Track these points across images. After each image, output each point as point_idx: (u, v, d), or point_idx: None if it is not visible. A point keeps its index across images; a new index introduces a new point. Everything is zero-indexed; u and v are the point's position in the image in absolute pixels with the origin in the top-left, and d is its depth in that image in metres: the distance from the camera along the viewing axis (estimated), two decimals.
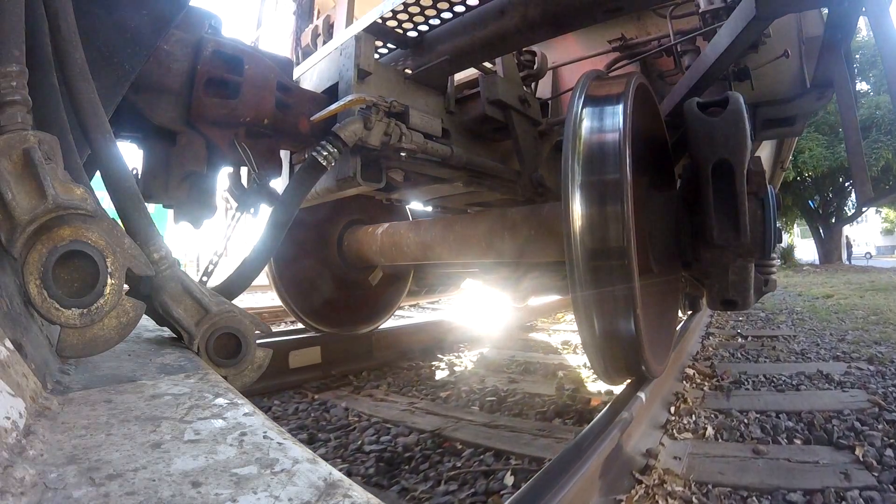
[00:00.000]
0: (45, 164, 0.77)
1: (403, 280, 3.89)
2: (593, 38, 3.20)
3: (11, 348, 0.65)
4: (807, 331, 4.79)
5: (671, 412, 2.34)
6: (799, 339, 4.35)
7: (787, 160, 6.20)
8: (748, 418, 2.31)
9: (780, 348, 3.90)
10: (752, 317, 5.94)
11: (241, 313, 1.10)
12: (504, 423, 2.33)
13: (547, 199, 2.67)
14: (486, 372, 3.42)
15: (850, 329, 4.80)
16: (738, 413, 2.36)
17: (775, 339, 4.37)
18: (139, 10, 1.13)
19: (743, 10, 1.97)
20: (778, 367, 3.27)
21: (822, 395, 2.60)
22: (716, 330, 4.86)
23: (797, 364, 3.35)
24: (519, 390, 2.90)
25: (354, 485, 0.53)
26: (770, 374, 3.02)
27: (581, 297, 1.69)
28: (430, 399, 2.83)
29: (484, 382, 3.09)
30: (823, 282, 12.21)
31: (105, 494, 0.48)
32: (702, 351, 3.86)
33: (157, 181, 1.63)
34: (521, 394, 2.83)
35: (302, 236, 3.25)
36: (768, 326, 5.19)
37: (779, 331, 4.80)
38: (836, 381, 2.84)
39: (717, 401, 2.57)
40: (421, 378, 3.29)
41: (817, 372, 3.03)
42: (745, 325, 5.29)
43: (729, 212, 2.01)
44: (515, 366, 3.54)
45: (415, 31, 2.10)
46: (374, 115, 1.79)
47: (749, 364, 3.39)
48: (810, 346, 3.97)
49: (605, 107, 1.79)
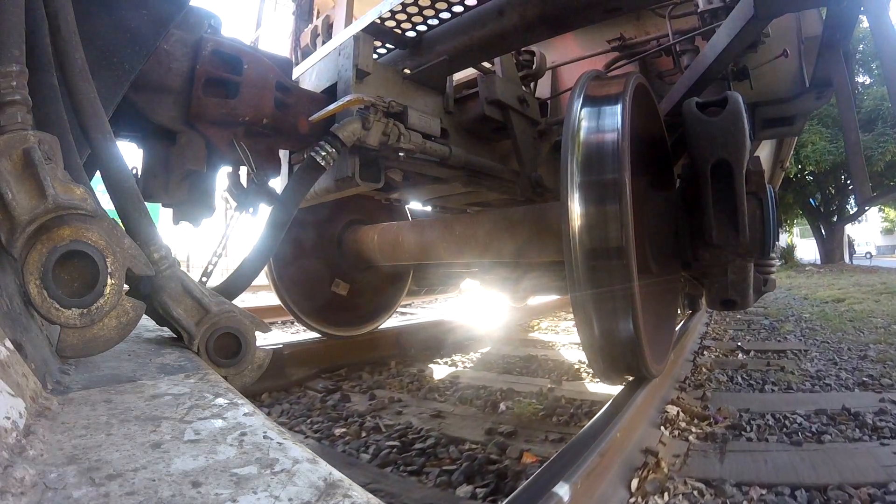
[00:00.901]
0: (45, 163, 0.77)
1: (403, 280, 3.90)
2: (592, 38, 3.21)
3: (11, 348, 0.65)
4: (820, 343, 4.07)
5: (632, 489, 1.55)
6: (811, 354, 3.65)
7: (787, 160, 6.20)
8: (749, 498, 1.56)
9: (791, 368, 3.18)
10: (754, 324, 5.23)
11: (242, 313, 1.10)
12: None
13: (546, 199, 2.68)
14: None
15: (870, 342, 4.08)
16: (735, 489, 1.60)
17: (783, 354, 3.67)
18: (139, 10, 1.13)
19: (741, 10, 1.98)
20: (789, 399, 2.52)
21: (855, 454, 1.85)
22: (712, 343, 4.16)
23: (814, 395, 2.63)
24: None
25: (354, 485, 0.53)
26: (780, 413, 2.28)
27: (580, 297, 1.70)
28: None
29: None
30: (830, 283, 11.29)
31: (105, 494, 0.48)
32: (693, 374, 3.11)
33: (156, 181, 1.63)
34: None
35: (302, 236, 3.25)
36: (773, 337, 4.50)
37: (787, 343, 4.09)
38: (869, 426, 2.11)
39: (706, 462, 1.81)
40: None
41: (842, 410, 2.29)
42: (747, 336, 4.57)
43: (728, 212, 2.01)
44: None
45: (413, 32, 2.10)
46: (373, 115, 1.79)
47: (752, 395, 2.67)
48: (827, 366, 3.26)
49: (603, 107, 1.79)
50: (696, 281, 2.55)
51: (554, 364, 3.43)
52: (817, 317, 5.72)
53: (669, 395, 2.44)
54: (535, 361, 3.51)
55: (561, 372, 3.20)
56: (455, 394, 2.73)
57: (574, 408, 2.42)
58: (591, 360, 1.83)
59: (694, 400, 2.51)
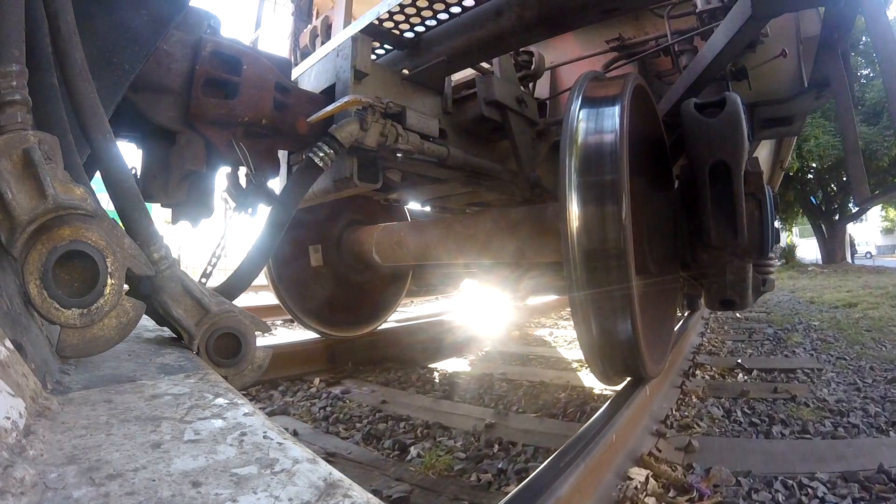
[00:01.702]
0: (45, 163, 0.77)
1: (403, 280, 3.90)
2: (591, 38, 3.21)
3: (11, 348, 0.65)
4: (835, 360, 3.41)
5: None
6: (827, 374, 3.04)
7: (787, 159, 6.20)
8: None
9: (803, 397, 2.56)
10: (756, 334, 4.58)
11: (241, 313, 1.10)
12: None
13: (544, 199, 2.68)
14: None
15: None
16: None
17: (793, 375, 3.04)
18: (139, 11, 1.13)
19: (739, 10, 1.98)
20: (805, 451, 1.90)
21: None
22: (707, 359, 3.49)
23: (838, 442, 2.00)
24: None
25: (354, 485, 0.53)
26: (793, 477, 1.67)
27: (579, 297, 1.70)
28: None
29: None
30: (836, 285, 10.31)
31: (105, 494, 0.48)
32: (679, 406, 2.42)
33: (156, 181, 1.63)
34: None
35: (301, 237, 3.25)
36: (780, 350, 3.82)
37: (796, 360, 3.44)
38: None
39: None
40: None
41: (877, 472, 1.68)
42: (748, 349, 3.91)
43: (727, 213, 2.02)
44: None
45: (411, 32, 2.10)
46: (371, 116, 1.79)
47: (755, 443, 2.04)
48: (849, 393, 2.65)
49: (602, 108, 1.80)
50: (695, 281, 2.56)
51: (508, 386, 2.91)
52: (829, 325, 5.04)
53: (642, 444, 1.82)
54: (488, 380, 3.02)
55: (512, 400, 2.64)
56: (367, 426, 2.27)
57: (508, 458, 1.88)
58: (589, 360, 1.84)
59: (674, 452, 1.89)
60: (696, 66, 2.33)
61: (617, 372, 1.93)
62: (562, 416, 2.36)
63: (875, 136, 15.87)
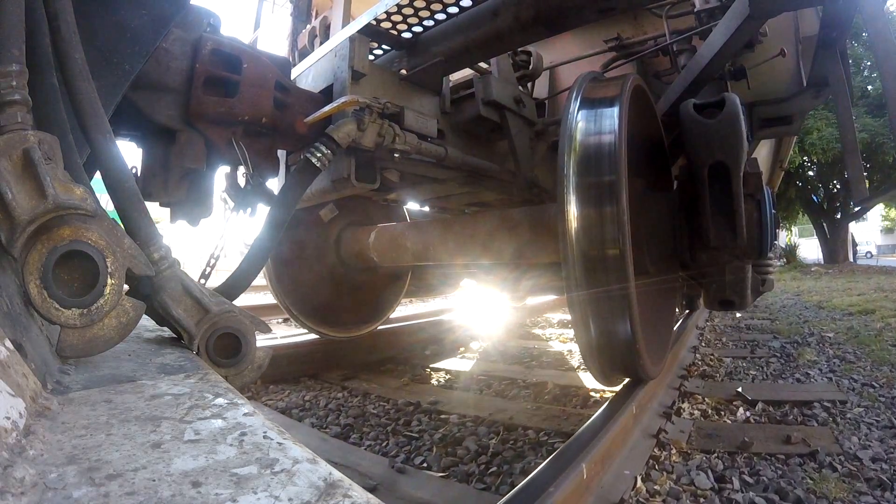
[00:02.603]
0: (45, 163, 0.77)
1: (402, 280, 3.90)
2: (590, 38, 3.21)
3: (11, 348, 0.65)
4: (861, 388, 2.65)
5: None
6: (853, 410, 2.30)
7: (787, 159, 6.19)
8: None
9: (827, 449, 1.86)
10: (760, 347, 3.84)
11: (242, 313, 1.10)
12: None
13: (542, 200, 2.68)
14: None
15: None
16: None
17: (809, 411, 2.30)
18: (139, 10, 1.13)
19: (737, 9, 1.99)
20: None
21: None
22: (700, 384, 2.80)
23: None
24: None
25: (354, 485, 0.53)
26: None
27: (577, 297, 1.70)
28: None
29: None
30: (845, 287, 9.31)
31: (105, 494, 0.48)
32: (650, 471, 1.70)
33: (156, 180, 1.63)
34: None
35: (300, 237, 3.25)
36: (789, 372, 3.08)
37: (812, 387, 2.71)
38: None
39: None
40: None
41: None
42: (751, 369, 3.17)
43: (725, 213, 2.02)
44: None
45: (409, 33, 2.10)
46: (368, 116, 1.79)
47: None
48: (888, 445, 1.93)
49: (600, 109, 1.80)
50: (693, 281, 2.56)
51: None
52: (845, 337, 4.20)
53: None
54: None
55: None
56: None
57: None
58: (587, 360, 1.84)
59: None
60: (694, 65, 2.34)
61: (615, 372, 1.93)
62: None
63: (881, 128, 15.22)
